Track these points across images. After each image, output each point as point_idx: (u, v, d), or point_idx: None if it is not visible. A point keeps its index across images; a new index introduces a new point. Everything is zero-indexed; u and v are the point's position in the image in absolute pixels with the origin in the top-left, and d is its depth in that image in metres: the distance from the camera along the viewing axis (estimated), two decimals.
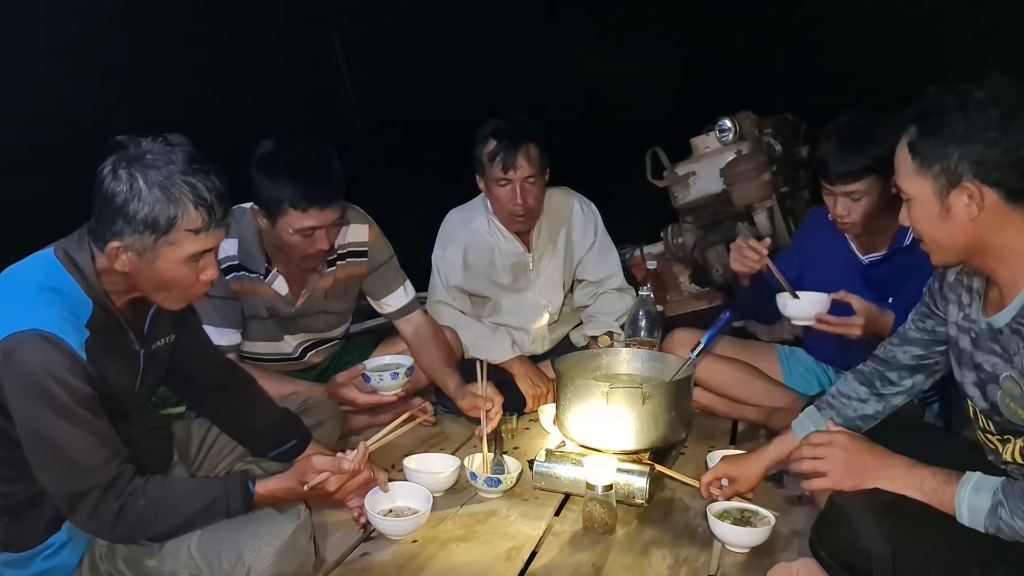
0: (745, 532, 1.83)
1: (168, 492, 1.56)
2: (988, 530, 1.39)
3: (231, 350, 2.29)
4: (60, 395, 1.41)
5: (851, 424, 1.78)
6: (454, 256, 2.79)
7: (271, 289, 2.30)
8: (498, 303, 2.87)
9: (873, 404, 1.79)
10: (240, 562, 1.53)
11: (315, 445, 2.01)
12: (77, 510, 1.47)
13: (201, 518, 1.56)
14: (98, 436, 1.47)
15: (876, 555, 1.40)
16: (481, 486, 2.10)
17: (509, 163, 2.58)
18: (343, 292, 2.46)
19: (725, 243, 3.27)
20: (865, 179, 2.15)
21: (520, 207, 2.64)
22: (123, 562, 1.60)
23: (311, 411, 2.15)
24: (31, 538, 1.57)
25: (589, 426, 2.09)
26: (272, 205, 2.11)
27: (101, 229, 1.48)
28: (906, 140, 1.43)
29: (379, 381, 2.27)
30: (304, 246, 2.15)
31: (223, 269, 2.21)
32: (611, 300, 2.92)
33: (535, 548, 1.87)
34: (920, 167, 1.41)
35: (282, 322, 2.39)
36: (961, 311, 1.57)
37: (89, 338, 1.47)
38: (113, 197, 1.44)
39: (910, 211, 1.48)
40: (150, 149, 1.47)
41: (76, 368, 1.43)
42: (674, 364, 2.25)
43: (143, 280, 1.52)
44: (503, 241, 2.80)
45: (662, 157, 3.42)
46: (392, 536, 1.90)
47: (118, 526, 1.49)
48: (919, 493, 1.46)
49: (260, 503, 1.60)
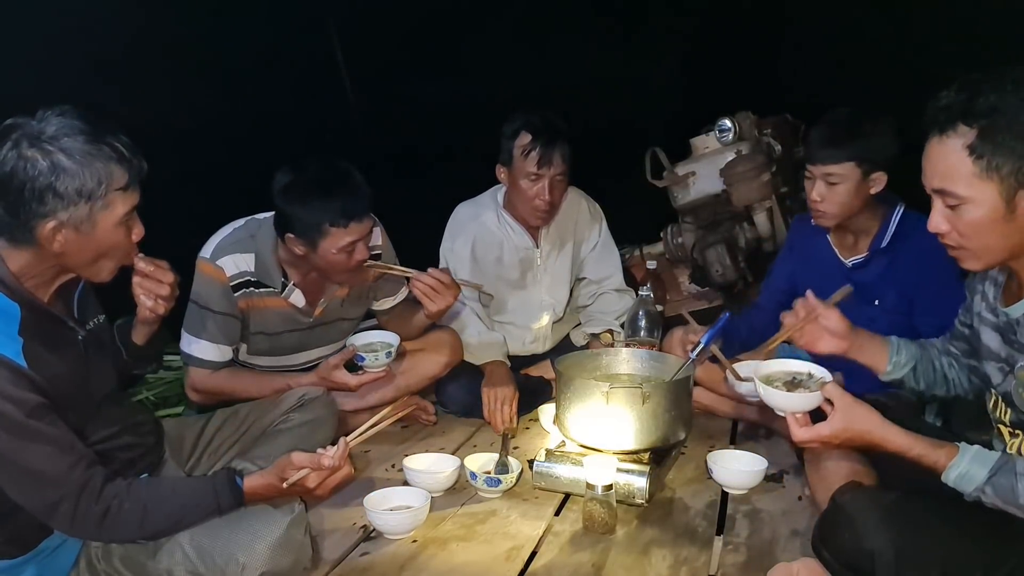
0: (801, 398, 1.63)
1: (155, 492, 1.56)
2: (970, 498, 1.42)
3: (220, 366, 2.28)
4: (9, 412, 1.38)
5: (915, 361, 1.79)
6: (462, 249, 2.79)
7: (287, 302, 2.29)
8: (503, 300, 2.87)
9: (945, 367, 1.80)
10: (235, 558, 1.53)
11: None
12: (56, 520, 1.47)
13: (192, 516, 1.56)
14: (56, 445, 1.44)
15: (879, 555, 1.39)
16: (481, 486, 2.10)
17: (545, 160, 2.58)
18: (358, 298, 2.47)
19: (725, 243, 3.28)
20: (845, 163, 2.19)
21: (546, 203, 2.65)
22: (120, 561, 1.60)
23: (309, 407, 2.14)
24: (23, 543, 1.55)
25: (589, 426, 2.09)
26: (311, 230, 2.09)
27: (22, 218, 1.42)
28: (962, 143, 1.34)
29: (374, 360, 2.27)
30: (346, 262, 2.15)
31: (233, 285, 2.20)
32: (611, 300, 2.93)
33: (535, 548, 1.87)
34: (986, 169, 1.33)
35: (300, 335, 2.38)
36: (984, 301, 1.58)
37: (25, 344, 1.43)
38: (34, 179, 1.39)
39: (961, 216, 1.39)
40: (47, 123, 1.43)
41: (19, 379, 1.40)
42: (674, 364, 2.25)
43: (79, 256, 1.49)
44: (512, 235, 2.81)
45: (662, 157, 3.42)
46: (391, 535, 1.90)
47: (105, 529, 1.49)
48: (907, 450, 1.47)
49: (248, 499, 1.60)
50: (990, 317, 1.56)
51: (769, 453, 2.25)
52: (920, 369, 1.80)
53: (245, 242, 2.23)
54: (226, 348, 2.27)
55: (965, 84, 1.36)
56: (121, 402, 1.79)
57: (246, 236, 2.25)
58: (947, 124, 1.36)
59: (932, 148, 1.40)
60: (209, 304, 2.20)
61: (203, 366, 2.26)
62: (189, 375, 2.31)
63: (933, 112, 1.39)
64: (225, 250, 2.21)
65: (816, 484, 1.89)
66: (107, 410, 1.68)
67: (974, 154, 1.34)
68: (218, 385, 2.28)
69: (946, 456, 1.45)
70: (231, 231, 2.26)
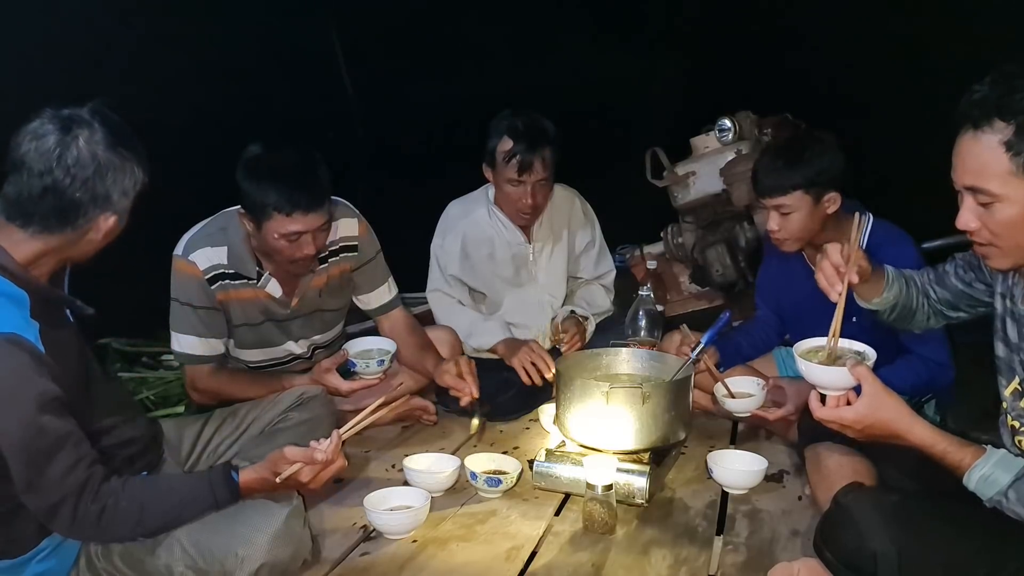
0: (840, 373, 1.54)
1: (151, 489, 1.56)
2: (990, 503, 1.38)
3: (214, 360, 2.28)
4: (27, 401, 1.39)
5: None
6: (452, 245, 2.80)
7: (264, 292, 2.28)
8: (499, 300, 2.87)
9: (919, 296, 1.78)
10: (234, 552, 1.53)
11: None
12: (56, 521, 1.47)
13: (188, 512, 1.56)
14: (64, 443, 1.44)
15: (882, 556, 1.39)
16: (481, 486, 2.10)
17: (525, 166, 2.59)
18: (338, 288, 2.45)
19: (725, 243, 3.28)
20: (793, 193, 2.15)
21: (528, 207, 2.67)
22: (120, 559, 1.60)
23: (307, 406, 2.14)
24: (23, 543, 1.55)
25: (589, 426, 2.09)
26: (257, 209, 2.08)
27: (83, 207, 1.47)
28: (999, 139, 1.29)
29: (365, 367, 2.26)
30: (290, 251, 2.12)
31: (208, 279, 2.19)
32: (599, 294, 2.97)
33: (535, 548, 1.87)
34: (1022, 167, 1.28)
35: (280, 325, 2.37)
36: (1006, 283, 1.54)
37: (41, 328, 1.45)
38: (118, 170, 1.49)
39: (994, 214, 1.34)
40: (105, 117, 1.51)
41: (41, 366, 1.41)
42: (674, 364, 2.25)
43: (98, 247, 1.55)
44: (504, 231, 2.81)
45: (662, 157, 3.42)
46: (391, 534, 1.90)
47: (102, 528, 1.49)
48: (931, 446, 1.43)
49: (243, 494, 1.60)
50: (1010, 306, 1.52)
51: (769, 453, 2.24)
52: (900, 305, 1.77)
53: (216, 236, 2.22)
54: (215, 342, 2.26)
55: (1000, 77, 1.31)
56: (112, 394, 1.78)
57: (216, 230, 2.23)
58: (982, 119, 1.30)
59: (965, 144, 1.34)
60: (190, 300, 2.20)
61: (196, 362, 2.26)
62: (186, 374, 2.31)
63: (967, 106, 1.32)
64: (196, 244, 2.20)
65: (817, 484, 1.89)
66: (102, 401, 1.68)
67: (1011, 150, 1.28)
68: (217, 386, 2.28)
69: (972, 456, 1.41)
70: (202, 226, 2.25)
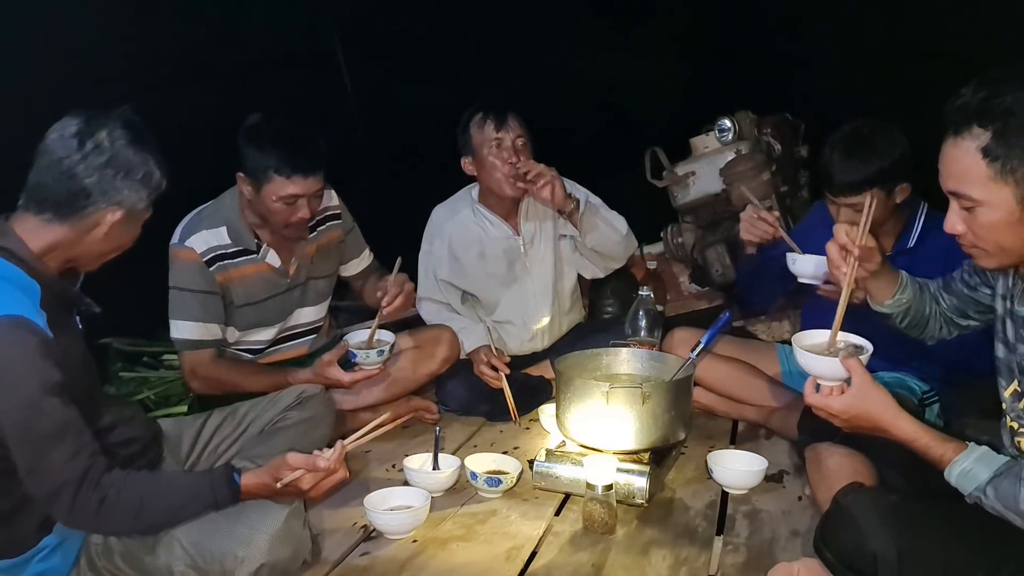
0: (833, 363, 1.55)
1: (152, 485, 1.56)
2: (971, 498, 1.40)
3: (214, 344, 2.31)
4: (33, 383, 1.40)
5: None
6: (440, 250, 2.81)
7: (265, 264, 2.35)
8: (496, 299, 2.84)
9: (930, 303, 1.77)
10: (233, 552, 1.53)
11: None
12: (55, 506, 1.47)
13: (188, 510, 1.56)
14: (67, 429, 1.45)
15: (882, 556, 1.39)
16: (481, 486, 2.10)
17: (501, 121, 2.63)
18: (326, 256, 2.54)
19: (725, 243, 3.27)
20: (867, 191, 2.05)
21: (516, 164, 2.60)
22: (120, 558, 1.60)
23: (307, 405, 2.15)
24: (23, 543, 1.55)
25: (589, 426, 2.09)
26: (258, 172, 2.18)
27: (93, 198, 1.50)
28: (976, 145, 1.32)
29: (365, 358, 2.30)
30: (286, 214, 2.22)
31: (207, 260, 2.25)
32: (604, 226, 2.75)
33: (535, 548, 1.87)
34: (1000, 172, 1.31)
35: (281, 299, 2.42)
36: (1007, 282, 1.54)
37: (48, 318, 1.46)
38: (131, 166, 1.52)
39: (976, 218, 1.37)
40: (128, 117, 1.56)
41: (48, 351, 1.42)
42: (674, 364, 2.25)
43: (103, 245, 1.57)
44: (491, 227, 2.80)
45: (662, 157, 3.42)
46: (391, 534, 1.90)
47: (101, 519, 1.49)
48: (914, 440, 1.46)
49: (243, 497, 1.60)
50: (1009, 307, 1.52)
51: (769, 453, 2.24)
52: (912, 310, 1.77)
53: (212, 218, 2.30)
54: (213, 327, 2.30)
55: (983, 83, 1.32)
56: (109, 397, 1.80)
57: (211, 212, 2.32)
58: (962, 125, 1.33)
59: (947, 149, 1.37)
60: (189, 285, 2.25)
61: (195, 347, 2.29)
62: (184, 360, 2.33)
63: (949, 112, 1.35)
64: (192, 230, 2.28)
65: (817, 484, 1.89)
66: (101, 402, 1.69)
67: (988, 156, 1.31)
68: (217, 373, 2.31)
69: (952, 451, 1.43)
70: (194, 213, 2.34)
